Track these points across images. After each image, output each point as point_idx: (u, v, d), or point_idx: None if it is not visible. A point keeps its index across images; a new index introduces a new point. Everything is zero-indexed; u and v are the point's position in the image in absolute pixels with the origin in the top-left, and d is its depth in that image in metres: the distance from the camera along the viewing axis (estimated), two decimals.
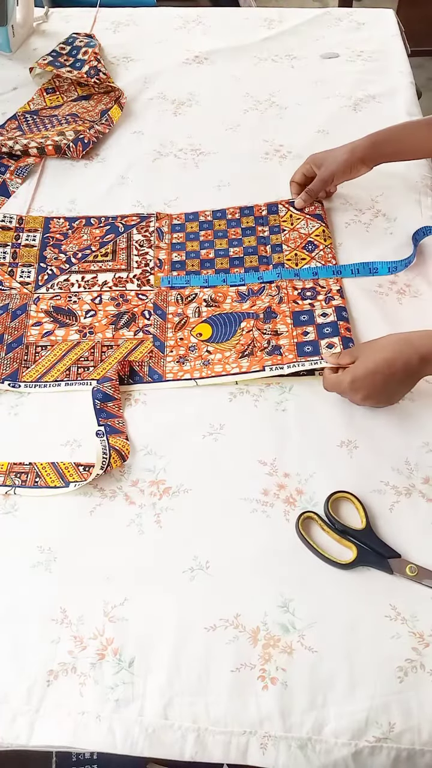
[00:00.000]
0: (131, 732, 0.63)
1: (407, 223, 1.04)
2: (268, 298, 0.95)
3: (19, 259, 1.02)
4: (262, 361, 0.87)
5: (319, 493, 0.76)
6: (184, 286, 0.98)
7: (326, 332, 0.89)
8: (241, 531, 0.74)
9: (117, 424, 0.82)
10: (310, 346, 0.88)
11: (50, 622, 0.68)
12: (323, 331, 0.89)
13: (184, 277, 0.99)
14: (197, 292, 0.97)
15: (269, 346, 0.88)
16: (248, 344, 0.89)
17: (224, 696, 0.63)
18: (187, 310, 0.94)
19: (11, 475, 0.79)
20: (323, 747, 0.62)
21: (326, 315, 0.91)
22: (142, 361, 0.89)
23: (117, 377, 0.86)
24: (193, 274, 0.99)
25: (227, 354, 0.89)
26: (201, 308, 0.94)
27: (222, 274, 0.98)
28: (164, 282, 0.98)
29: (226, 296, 0.96)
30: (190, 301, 0.95)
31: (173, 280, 0.98)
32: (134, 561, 0.72)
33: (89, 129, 1.21)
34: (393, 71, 1.36)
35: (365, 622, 0.67)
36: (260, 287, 0.96)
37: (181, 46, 1.45)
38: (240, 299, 0.95)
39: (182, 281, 0.98)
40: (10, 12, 1.38)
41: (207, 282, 0.98)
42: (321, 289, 0.95)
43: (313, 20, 1.50)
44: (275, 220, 1.05)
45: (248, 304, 0.94)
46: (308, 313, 0.92)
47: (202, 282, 0.98)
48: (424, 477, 0.77)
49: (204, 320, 0.93)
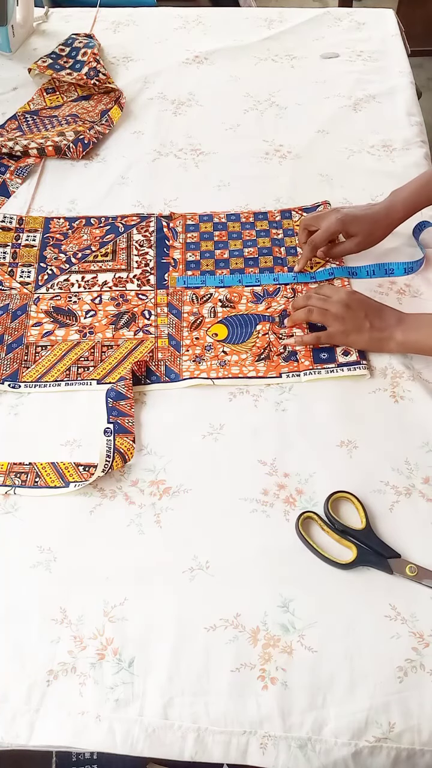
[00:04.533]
0: (131, 732, 0.63)
1: (407, 223, 1.04)
2: (284, 300, 0.95)
3: (19, 259, 1.02)
4: (279, 368, 0.87)
5: (319, 493, 0.76)
6: (200, 286, 0.98)
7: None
8: (241, 531, 0.74)
9: (126, 423, 0.82)
10: (325, 353, 0.88)
11: (50, 622, 0.68)
12: None
13: (200, 276, 0.99)
14: (212, 292, 0.97)
15: (285, 352, 0.89)
16: (264, 348, 0.89)
17: (224, 696, 0.64)
18: (202, 309, 0.94)
19: (11, 475, 0.79)
20: (323, 747, 0.62)
21: None
22: (158, 361, 0.89)
23: (131, 376, 0.86)
24: (208, 273, 0.99)
25: (243, 356, 0.89)
26: (216, 308, 0.94)
27: (237, 275, 0.98)
28: (180, 282, 0.98)
29: (241, 296, 0.96)
30: (205, 301, 0.95)
31: (188, 280, 0.98)
32: (134, 561, 0.72)
33: (89, 129, 1.21)
34: (393, 71, 1.36)
35: (365, 622, 0.67)
36: (275, 289, 0.96)
37: (181, 46, 1.45)
38: (255, 300, 0.95)
39: (197, 281, 0.98)
40: (10, 12, 1.38)
41: (222, 282, 0.98)
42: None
43: (313, 20, 1.50)
44: (289, 224, 1.05)
45: (264, 306, 0.94)
46: None
47: (217, 282, 0.98)
48: (424, 477, 0.77)
49: (220, 321, 0.93)
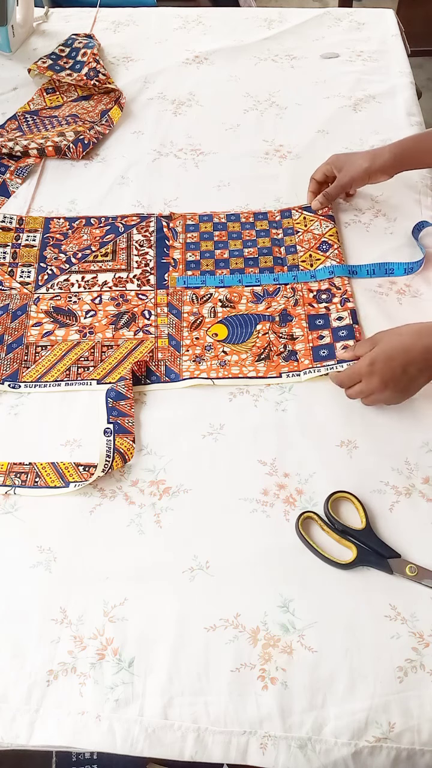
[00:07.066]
0: (131, 732, 0.63)
1: (407, 223, 1.04)
2: (284, 300, 0.95)
3: (19, 259, 1.02)
4: (279, 368, 0.87)
5: (319, 493, 0.76)
6: (200, 286, 0.98)
7: (342, 335, 0.89)
8: (241, 531, 0.74)
9: (126, 423, 0.82)
10: (325, 350, 0.88)
11: (50, 622, 0.68)
12: (339, 334, 0.89)
13: (200, 276, 0.99)
14: (212, 292, 0.97)
15: (285, 351, 0.89)
16: (264, 347, 0.89)
17: (224, 696, 0.64)
18: (202, 309, 0.94)
19: (11, 475, 0.79)
20: (323, 747, 0.62)
21: (341, 319, 0.91)
22: (158, 361, 0.89)
23: (132, 376, 0.86)
24: (208, 273, 0.99)
25: (243, 356, 0.89)
26: (216, 308, 0.94)
27: (237, 275, 0.98)
28: (180, 282, 0.98)
29: (241, 296, 0.96)
30: (205, 301, 0.95)
31: (188, 280, 0.98)
32: (134, 561, 0.72)
33: (89, 130, 1.21)
34: (393, 71, 1.36)
35: (365, 622, 0.67)
36: (275, 288, 0.96)
37: (181, 46, 1.45)
38: (255, 300, 0.95)
39: (198, 281, 0.98)
40: (10, 12, 1.38)
41: (222, 282, 0.98)
42: (336, 291, 0.94)
43: (313, 20, 1.50)
44: (289, 223, 1.05)
45: (264, 306, 0.94)
46: (324, 317, 0.92)
47: (217, 282, 0.98)
48: (424, 477, 0.77)
49: (220, 321, 0.93)
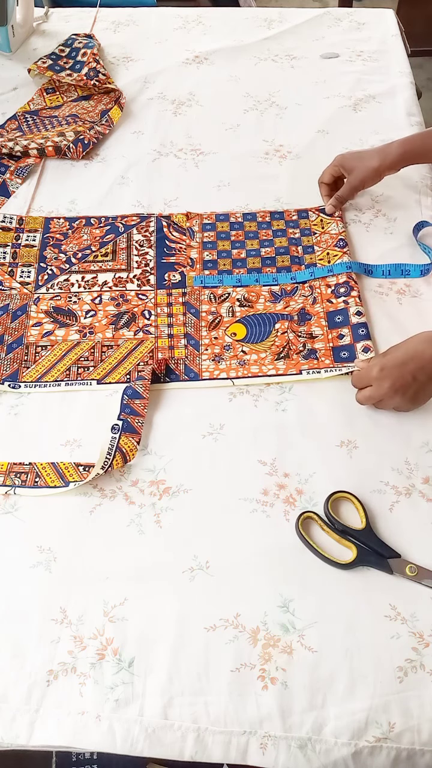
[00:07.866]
0: (131, 732, 0.63)
1: (407, 223, 1.04)
2: (302, 298, 0.95)
3: (19, 259, 1.02)
4: (299, 365, 0.87)
5: (319, 493, 0.76)
6: (217, 285, 0.98)
7: (361, 333, 0.89)
8: (241, 531, 0.74)
9: (136, 423, 0.82)
10: (346, 351, 0.88)
11: (50, 622, 0.68)
12: (358, 332, 0.89)
13: (217, 276, 0.99)
14: (230, 291, 0.97)
15: (305, 350, 0.89)
16: (283, 346, 0.89)
17: (224, 696, 0.64)
18: (220, 309, 0.95)
19: (11, 475, 0.79)
20: (323, 747, 0.62)
21: (361, 314, 0.91)
22: (178, 360, 0.89)
23: (151, 376, 0.86)
24: (225, 273, 0.99)
25: (263, 355, 0.89)
26: (234, 308, 0.94)
27: (255, 274, 0.98)
28: (197, 281, 0.98)
29: (259, 296, 0.96)
30: (223, 301, 0.96)
31: (206, 279, 0.98)
32: (134, 561, 0.72)
33: (89, 130, 1.21)
34: (393, 71, 1.36)
35: (365, 622, 0.67)
36: (293, 287, 0.96)
37: (181, 46, 1.45)
38: (273, 299, 0.95)
39: (215, 280, 0.98)
40: (10, 12, 1.38)
41: (240, 282, 0.98)
42: (355, 285, 0.95)
43: (313, 20, 1.50)
44: (306, 224, 1.05)
45: (282, 305, 0.94)
46: (343, 312, 0.92)
47: (234, 281, 0.98)
48: (424, 477, 0.77)
49: (238, 320, 0.93)
